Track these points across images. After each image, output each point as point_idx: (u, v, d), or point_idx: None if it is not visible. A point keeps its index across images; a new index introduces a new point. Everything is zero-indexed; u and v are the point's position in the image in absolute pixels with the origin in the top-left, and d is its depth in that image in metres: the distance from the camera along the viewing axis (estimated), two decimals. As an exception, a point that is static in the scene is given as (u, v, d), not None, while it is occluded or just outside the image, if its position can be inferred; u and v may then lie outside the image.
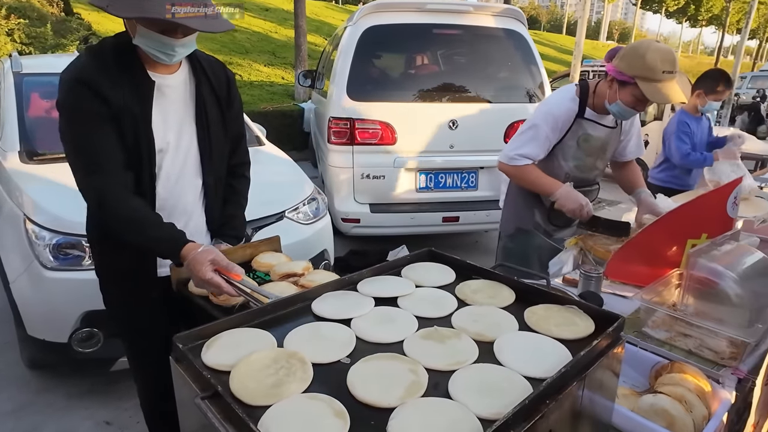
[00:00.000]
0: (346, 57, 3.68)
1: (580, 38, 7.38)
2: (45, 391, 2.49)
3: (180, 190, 1.43)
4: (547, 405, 0.76)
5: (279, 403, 0.76)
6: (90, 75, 1.23)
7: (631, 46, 1.81)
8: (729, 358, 1.25)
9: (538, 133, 1.98)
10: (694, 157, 3.13)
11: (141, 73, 1.29)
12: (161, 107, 1.34)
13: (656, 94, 1.75)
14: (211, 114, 1.44)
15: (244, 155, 1.67)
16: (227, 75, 1.51)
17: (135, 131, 1.28)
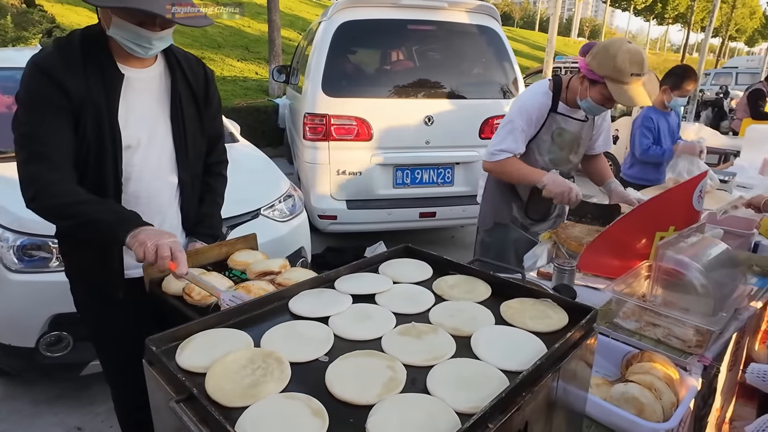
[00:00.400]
0: (321, 52, 3.65)
1: (552, 35, 7.50)
2: (9, 398, 2.40)
3: (154, 188, 1.40)
4: (523, 397, 0.77)
5: (256, 404, 0.75)
6: (52, 65, 1.20)
7: (604, 45, 1.85)
8: (695, 346, 1.30)
9: (514, 127, 2.03)
10: (653, 151, 3.23)
11: (109, 66, 1.26)
12: (131, 102, 1.31)
13: (622, 96, 1.80)
14: (187, 111, 1.41)
15: (222, 154, 1.65)
16: (206, 72, 1.49)
17: (99, 124, 1.25)
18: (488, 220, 2.29)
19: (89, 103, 1.23)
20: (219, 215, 1.62)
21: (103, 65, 1.25)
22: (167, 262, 1.17)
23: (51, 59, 1.22)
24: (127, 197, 1.36)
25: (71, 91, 1.20)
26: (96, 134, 1.25)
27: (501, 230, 2.26)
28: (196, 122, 1.45)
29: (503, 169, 2.10)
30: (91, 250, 1.35)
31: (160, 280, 1.37)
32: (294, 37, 15.49)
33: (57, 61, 1.21)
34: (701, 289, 1.30)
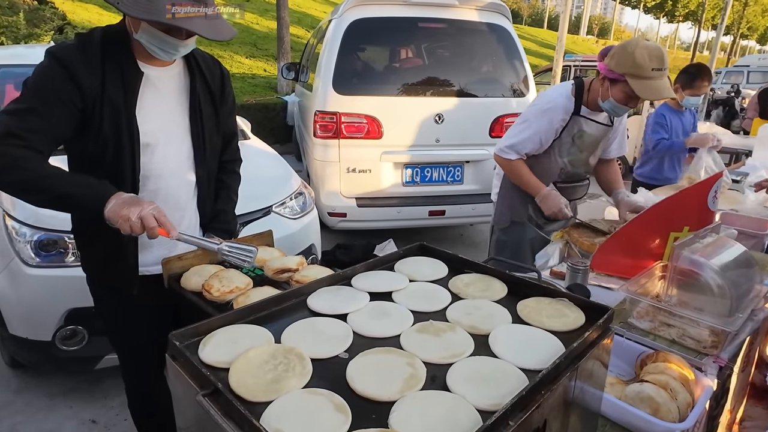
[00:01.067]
0: (332, 50, 3.66)
1: (562, 33, 7.46)
2: (25, 390, 2.44)
3: (173, 186, 1.41)
4: (542, 395, 0.78)
5: (280, 399, 0.76)
6: (69, 57, 1.20)
7: (621, 44, 1.86)
8: (710, 347, 1.30)
9: (529, 128, 2.04)
10: (662, 145, 3.21)
11: (129, 64, 1.27)
12: (151, 100, 1.32)
13: (646, 91, 1.80)
14: (205, 109, 1.43)
15: (236, 152, 1.67)
16: (222, 72, 1.51)
17: (116, 121, 1.25)
18: (505, 219, 2.30)
19: (106, 100, 1.23)
20: (233, 211, 1.64)
21: (123, 63, 1.27)
22: (156, 231, 1.18)
23: (69, 52, 1.22)
24: (146, 194, 1.36)
25: (84, 86, 1.20)
26: (114, 131, 1.26)
27: (518, 228, 2.28)
28: (212, 120, 1.47)
29: (511, 169, 2.15)
30: (105, 245, 1.36)
31: (179, 275, 1.39)
32: (302, 35, 15.50)
33: (75, 54, 1.22)
34: (717, 290, 1.29)
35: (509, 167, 2.14)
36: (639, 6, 44.98)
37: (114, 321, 1.52)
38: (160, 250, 1.45)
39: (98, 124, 1.24)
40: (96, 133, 1.25)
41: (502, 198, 2.31)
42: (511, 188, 2.25)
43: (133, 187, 1.33)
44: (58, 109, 1.19)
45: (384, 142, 3.73)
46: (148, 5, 1.11)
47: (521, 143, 2.07)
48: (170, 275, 1.38)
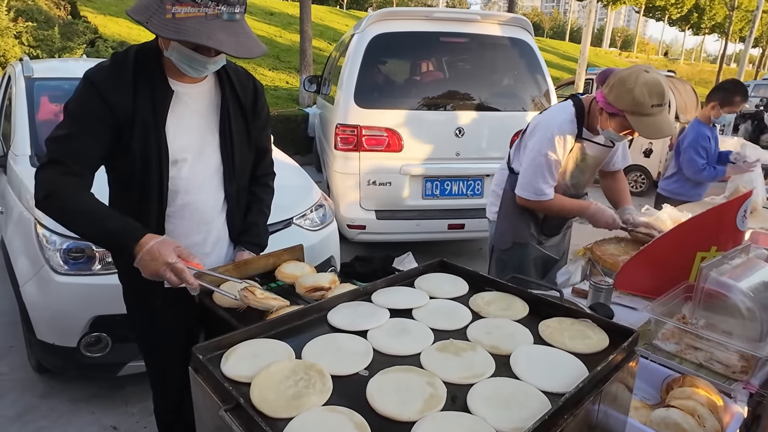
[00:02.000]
0: (354, 64, 3.70)
1: (584, 46, 7.42)
2: (50, 395, 2.49)
3: (200, 201, 1.42)
4: (565, 420, 0.76)
5: (300, 416, 0.76)
6: (102, 80, 1.24)
7: (620, 77, 1.76)
8: (740, 372, 1.26)
9: (549, 161, 1.96)
10: (708, 173, 3.12)
11: (160, 82, 1.30)
12: (180, 116, 1.34)
13: (646, 129, 1.75)
14: (236, 125, 1.43)
15: (269, 166, 1.67)
16: (255, 86, 1.50)
17: (145, 138, 1.28)
18: (506, 240, 2.23)
19: (138, 118, 1.26)
20: (265, 225, 1.63)
21: (155, 81, 1.29)
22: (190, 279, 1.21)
23: (102, 74, 1.26)
24: (174, 210, 1.38)
25: (116, 106, 1.24)
26: (142, 148, 1.28)
27: (520, 249, 2.21)
28: (243, 135, 1.46)
29: (548, 206, 2.06)
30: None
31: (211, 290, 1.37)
32: (324, 47, 15.75)
33: (107, 76, 1.26)
34: (747, 313, 1.26)
35: (547, 205, 2.05)
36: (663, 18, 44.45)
37: (142, 329, 1.55)
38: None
39: (128, 142, 1.27)
40: (125, 150, 1.28)
41: (504, 219, 2.24)
42: (513, 209, 2.17)
43: (160, 203, 1.35)
44: (94, 132, 1.24)
45: (404, 155, 3.74)
46: (177, 25, 1.13)
47: (552, 178, 1.99)
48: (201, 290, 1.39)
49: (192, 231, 1.41)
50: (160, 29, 1.13)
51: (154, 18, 1.13)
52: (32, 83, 3.09)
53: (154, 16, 1.12)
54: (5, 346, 2.85)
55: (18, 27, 8.85)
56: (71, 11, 11.82)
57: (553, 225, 2.23)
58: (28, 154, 2.72)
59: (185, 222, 1.38)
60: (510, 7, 13.97)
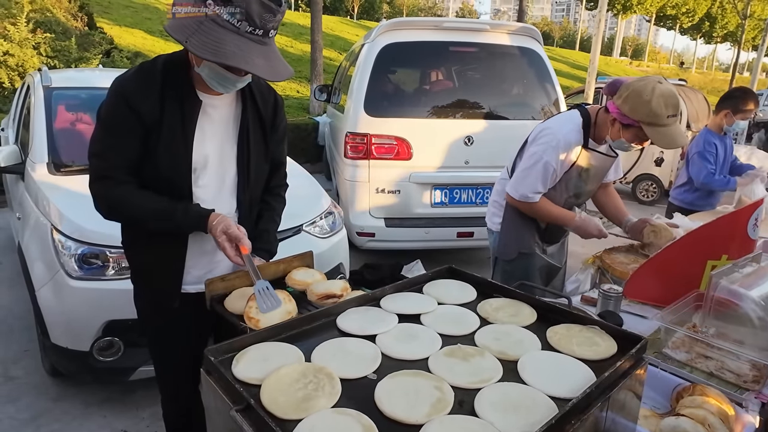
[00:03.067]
0: (364, 73, 3.74)
1: (594, 55, 7.41)
2: (63, 398, 2.53)
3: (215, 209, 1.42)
4: (572, 425, 0.77)
5: (309, 417, 0.77)
6: (130, 89, 1.28)
7: (635, 89, 1.77)
8: (752, 382, 1.24)
9: (547, 168, 1.96)
10: (718, 181, 3.09)
11: (189, 92, 1.32)
12: (202, 126, 1.36)
13: (663, 139, 1.76)
14: (254, 136, 1.45)
15: (283, 178, 1.69)
16: (276, 100, 1.52)
17: (171, 146, 1.31)
18: (511, 251, 2.22)
19: (164, 125, 1.29)
20: (275, 233, 1.64)
21: (183, 91, 1.32)
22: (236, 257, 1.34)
23: (128, 82, 1.29)
24: None
25: (144, 113, 1.27)
26: (167, 156, 1.31)
27: (525, 259, 2.19)
28: (261, 147, 1.48)
29: (532, 210, 2.07)
30: (155, 256, 1.42)
31: (222, 296, 1.41)
32: (335, 57, 15.90)
33: (135, 84, 1.29)
34: (758, 322, 1.25)
35: (533, 208, 2.07)
36: (674, 27, 44.25)
37: (154, 334, 1.56)
38: (200, 270, 1.48)
39: (154, 146, 1.30)
40: (153, 155, 1.31)
41: (507, 230, 2.22)
42: (516, 219, 2.16)
43: None
44: (128, 140, 1.30)
45: (413, 163, 3.76)
46: (216, 48, 1.14)
47: (542, 184, 2.00)
48: (212, 297, 1.40)
49: (204, 237, 1.43)
50: (199, 50, 1.13)
51: (193, 38, 1.14)
52: (50, 92, 3.17)
53: (193, 36, 1.14)
54: (20, 350, 2.89)
55: (36, 38, 9.06)
56: (88, 23, 12.08)
57: (554, 233, 2.23)
58: (45, 162, 2.78)
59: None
60: (519, 17, 14.02)
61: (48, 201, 2.43)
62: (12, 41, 8.58)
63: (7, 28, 8.72)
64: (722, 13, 41.41)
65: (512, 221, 2.19)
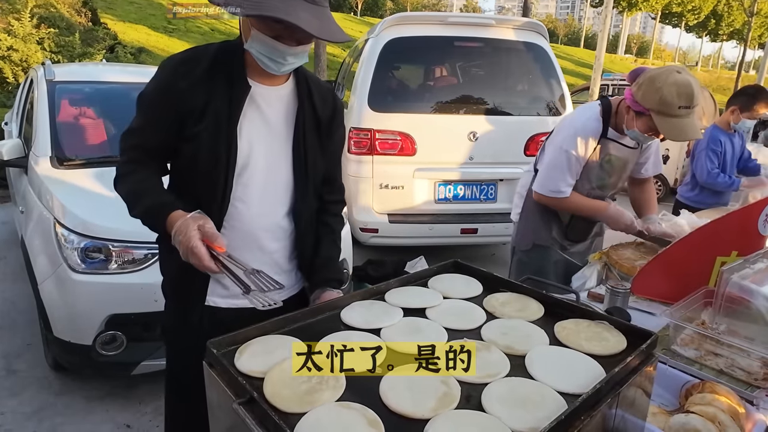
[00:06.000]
0: (368, 68, 3.72)
1: (600, 52, 7.37)
2: (65, 393, 2.52)
3: (256, 216, 1.26)
4: (582, 421, 0.75)
5: (313, 411, 0.76)
6: (172, 66, 1.20)
7: (651, 76, 1.74)
8: (762, 379, 1.22)
9: (570, 158, 1.94)
10: (721, 180, 3.05)
11: (239, 77, 1.21)
12: (253, 119, 1.23)
13: (671, 130, 1.71)
14: (310, 139, 1.30)
15: (340, 192, 1.51)
16: (335, 102, 1.38)
17: (215, 132, 1.19)
18: (527, 241, 2.21)
19: (210, 110, 1.18)
20: (338, 258, 1.48)
21: (233, 76, 1.21)
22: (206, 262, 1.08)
23: (173, 61, 1.21)
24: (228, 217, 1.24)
25: (185, 93, 1.17)
26: (211, 142, 1.19)
27: (540, 251, 2.18)
28: (317, 152, 1.32)
29: (564, 204, 2.03)
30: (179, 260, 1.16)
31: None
32: (338, 53, 15.86)
33: (178, 63, 1.20)
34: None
35: (564, 204, 2.02)
36: (680, 25, 43.98)
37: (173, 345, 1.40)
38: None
39: (197, 130, 1.19)
40: (193, 137, 1.19)
41: (525, 220, 2.22)
42: (534, 210, 2.15)
43: (222, 207, 1.22)
44: (159, 120, 1.21)
45: (417, 159, 3.74)
46: (258, 3, 1.05)
47: (571, 176, 1.96)
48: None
49: (242, 248, 1.24)
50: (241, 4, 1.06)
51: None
52: (54, 86, 3.16)
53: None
54: (23, 344, 2.90)
55: (41, 33, 9.08)
56: (92, 18, 12.09)
57: (579, 230, 2.18)
58: (48, 155, 2.78)
59: (237, 234, 1.24)
60: (524, 14, 13.96)
61: (51, 195, 2.43)
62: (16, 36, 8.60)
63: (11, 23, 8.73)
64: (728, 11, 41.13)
65: (530, 212, 2.19)
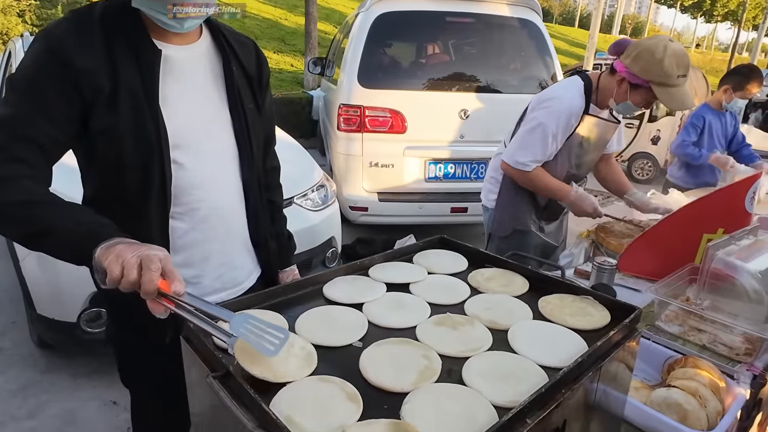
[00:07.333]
0: (358, 43, 3.64)
1: (594, 31, 7.29)
2: (51, 370, 2.51)
3: (216, 196, 1.12)
4: (562, 394, 0.74)
5: (291, 385, 0.75)
6: (63, 38, 0.93)
7: (647, 47, 1.71)
8: (744, 354, 1.23)
9: (546, 133, 1.87)
10: (690, 151, 3.05)
11: (142, 40, 0.99)
12: (176, 88, 1.04)
13: (672, 101, 1.71)
14: (246, 99, 1.15)
15: (275, 158, 1.40)
16: (259, 55, 1.22)
17: (136, 114, 0.98)
18: (506, 227, 2.15)
19: (122, 86, 0.96)
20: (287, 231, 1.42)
21: (134, 40, 0.98)
22: (156, 277, 0.78)
23: (61, 31, 0.94)
24: (181, 209, 1.08)
25: (86, 72, 0.93)
26: (134, 126, 0.98)
27: (520, 236, 2.13)
28: (255, 112, 1.18)
29: (526, 179, 1.97)
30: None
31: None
32: (330, 30, 15.56)
33: (68, 33, 0.94)
34: (754, 295, 1.23)
35: (527, 178, 1.97)
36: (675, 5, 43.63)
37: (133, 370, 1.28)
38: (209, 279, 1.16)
39: (113, 118, 0.97)
40: (110, 129, 0.97)
41: (503, 206, 2.14)
42: (514, 195, 2.09)
43: (164, 200, 1.04)
44: (51, 109, 0.93)
45: (408, 136, 3.70)
46: None
47: (541, 151, 1.90)
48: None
49: (208, 237, 1.12)
50: None
51: None
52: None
53: None
54: (8, 321, 2.87)
55: (21, 5, 8.79)
56: (75, -10, 11.71)
57: (553, 209, 2.16)
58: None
59: (199, 226, 1.10)
60: (519, -9, 13.74)
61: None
62: (-5, 8, 8.32)
63: (-10, -5, 8.44)
64: (724, -9, 40.84)
65: (508, 197, 2.11)
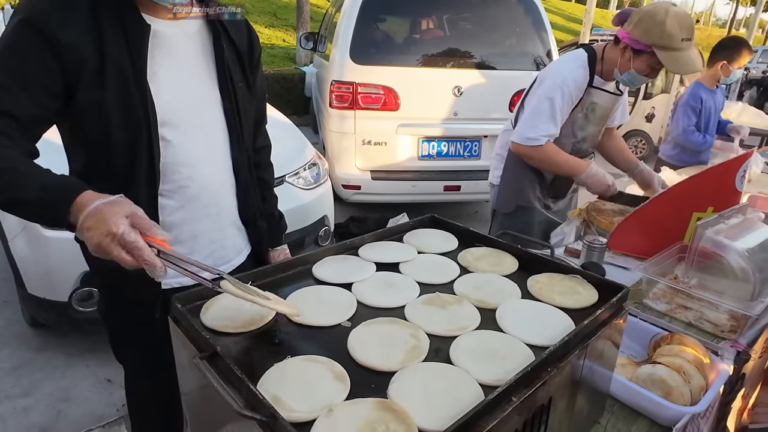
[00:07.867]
0: (350, 18, 3.57)
1: (590, 6, 7.17)
2: (45, 349, 2.52)
3: (206, 174, 1.13)
4: (548, 372, 0.75)
5: (278, 365, 0.75)
6: (45, 12, 0.91)
7: (647, 11, 1.71)
8: (728, 331, 1.25)
9: (554, 107, 1.85)
10: (695, 138, 3.05)
11: (130, 14, 0.98)
12: (165, 64, 1.04)
13: (675, 64, 1.69)
14: (236, 77, 1.16)
15: (266, 137, 1.40)
16: (250, 32, 1.22)
17: (123, 90, 0.97)
18: (509, 204, 2.15)
19: (107, 61, 0.95)
20: (278, 210, 1.44)
21: (122, 13, 0.97)
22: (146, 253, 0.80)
23: (43, 3, 0.92)
24: (170, 189, 1.09)
25: (69, 46, 0.92)
26: (121, 103, 0.98)
27: (524, 213, 2.13)
28: (245, 91, 1.19)
29: (539, 155, 1.93)
30: None
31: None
32: (323, 4, 15.22)
33: (52, 5, 0.92)
34: (740, 273, 1.24)
35: (540, 154, 1.92)
36: (674, -21, 42.90)
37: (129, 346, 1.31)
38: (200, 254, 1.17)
39: (100, 93, 0.96)
40: (96, 105, 0.97)
41: (507, 182, 2.13)
42: (518, 172, 2.08)
43: (152, 178, 1.04)
44: (32, 82, 0.92)
45: (401, 114, 3.66)
46: None
47: (552, 125, 1.87)
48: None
49: (198, 215, 1.14)
50: None
51: None
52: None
53: None
54: (0, 301, 2.86)
55: (2, -23, 8.49)
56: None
57: (561, 186, 2.14)
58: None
59: (189, 204, 1.11)
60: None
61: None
62: (-25, -21, 8.04)
63: (-31, -35, 8.14)
64: (723, -35, 40.14)
65: (512, 173, 2.11)
